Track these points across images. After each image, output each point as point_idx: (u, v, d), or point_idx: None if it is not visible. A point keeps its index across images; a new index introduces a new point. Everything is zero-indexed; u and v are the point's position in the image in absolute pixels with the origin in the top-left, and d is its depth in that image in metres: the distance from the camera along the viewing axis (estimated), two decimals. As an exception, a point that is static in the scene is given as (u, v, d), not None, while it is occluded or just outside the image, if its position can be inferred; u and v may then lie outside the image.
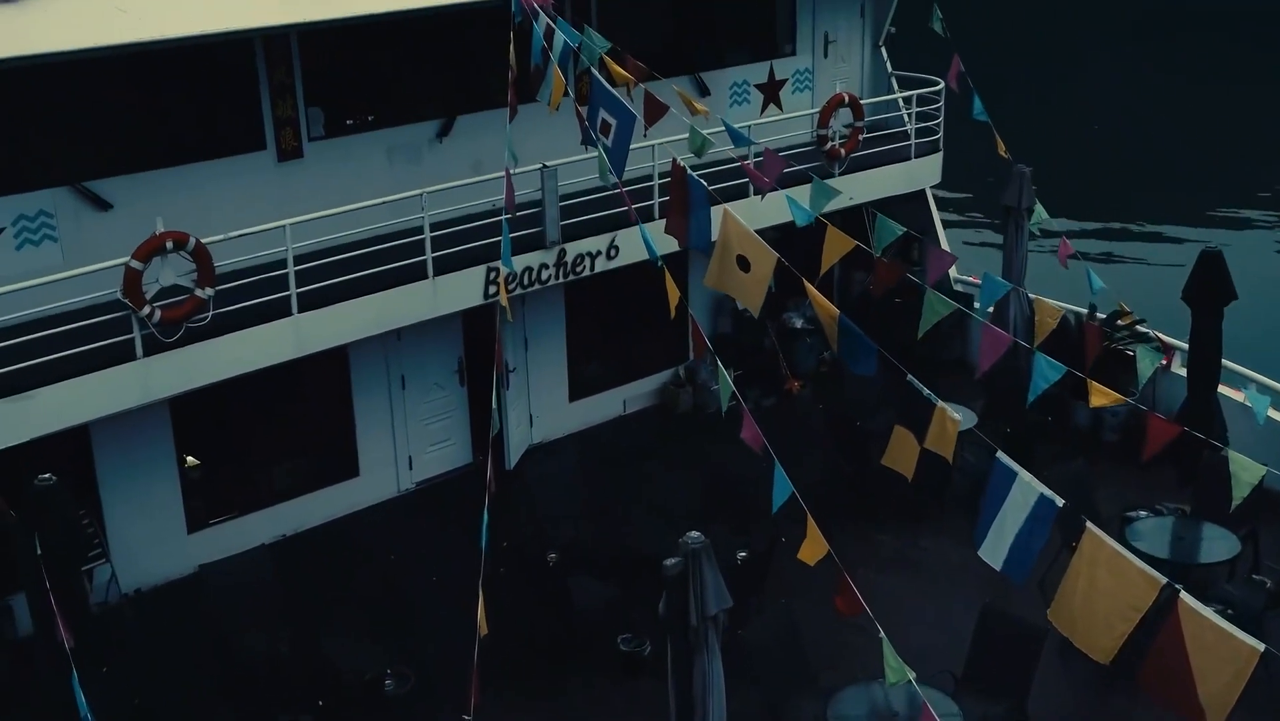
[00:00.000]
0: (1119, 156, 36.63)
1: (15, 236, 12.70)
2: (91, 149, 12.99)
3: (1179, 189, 33.97)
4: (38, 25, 11.79)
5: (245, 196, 13.94)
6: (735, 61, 18.07)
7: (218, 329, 12.53)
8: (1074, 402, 16.87)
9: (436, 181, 15.09)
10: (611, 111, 12.77)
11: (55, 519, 9.78)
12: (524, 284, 14.77)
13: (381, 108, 14.94)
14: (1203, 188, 33.89)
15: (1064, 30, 54.06)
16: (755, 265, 12.43)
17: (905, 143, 18.29)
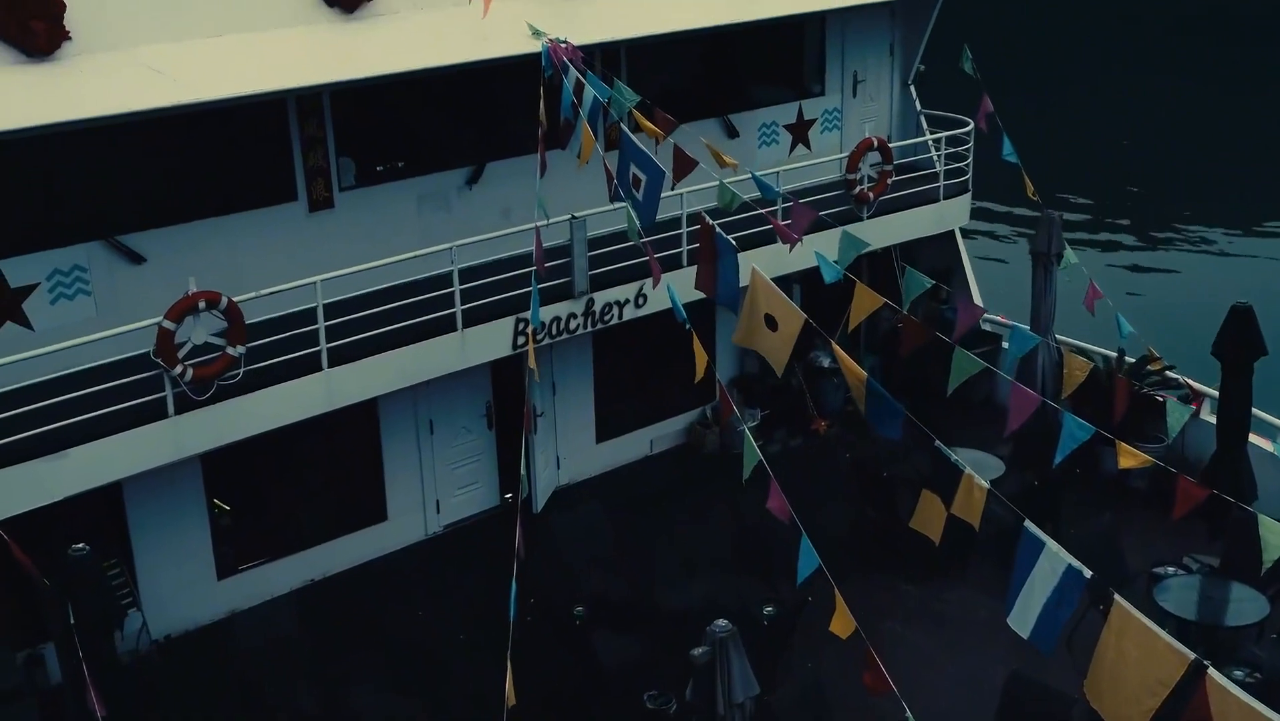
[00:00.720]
0: (1146, 182, 36.41)
1: (50, 291, 12.82)
2: (125, 204, 13.11)
3: (1211, 217, 33.67)
4: (72, 85, 11.93)
5: (277, 247, 14.06)
6: (764, 103, 18.07)
7: (249, 385, 12.62)
8: (1101, 449, 16.83)
9: (466, 228, 15.22)
10: (641, 166, 12.84)
11: (88, 588, 9.88)
12: (552, 334, 14.83)
13: (412, 156, 15.01)
14: (1238, 218, 33.55)
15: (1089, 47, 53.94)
16: (782, 324, 12.48)
17: (934, 184, 18.26)
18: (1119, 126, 42.69)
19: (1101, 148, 41.08)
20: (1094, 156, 39.38)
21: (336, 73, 12.92)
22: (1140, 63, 52.34)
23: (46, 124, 11.21)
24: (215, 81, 12.25)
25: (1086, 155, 39.26)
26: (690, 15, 15.44)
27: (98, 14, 12.55)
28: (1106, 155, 40.33)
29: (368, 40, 13.73)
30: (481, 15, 14.12)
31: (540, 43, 13.44)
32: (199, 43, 13.03)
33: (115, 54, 12.53)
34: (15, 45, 12.09)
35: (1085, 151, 41.36)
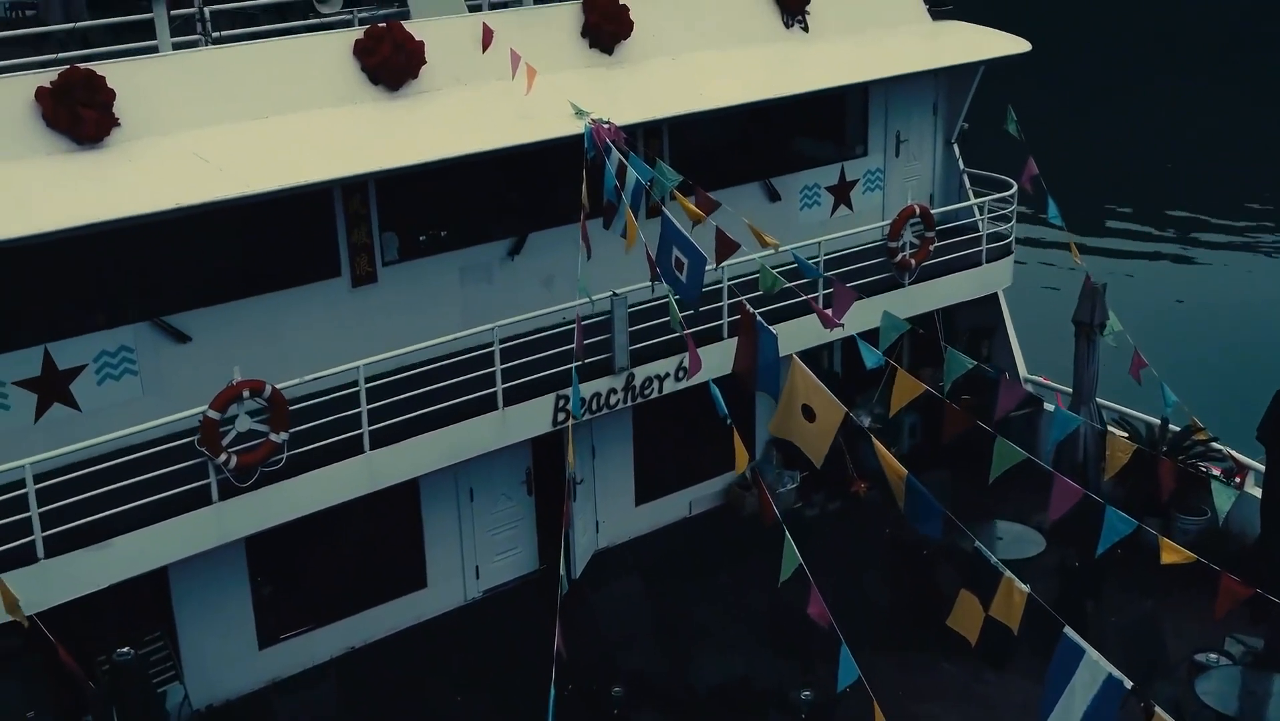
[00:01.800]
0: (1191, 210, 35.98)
1: (97, 372, 12.97)
2: (171, 285, 13.24)
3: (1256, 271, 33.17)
4: (121, 175, 12.05)
5: (320, 322, 14.17)
6: (806, 165, 18.04)
7: (292, 469, 12.73)
8: (1144, 518, 16.71)
9: (508, 298, 15.32)
10: (683, 249, 12.88)
11: (133, 694, 9.99)
12: (592, 409, 14.87)
13: (455, 229, 15.08)
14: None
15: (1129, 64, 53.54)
16: (821, 416, 12.49)
17: (977, 248, 18.17)
18: (1163, 147, 42.28)
19: (1144, 172, 40.74)
20: (1136, 182, 38.99)
21: (382, 160, 12.99)
22: (1183, 79, 51.92)
23: (96, 222, 11.32)
24: (261, 172, 12.34)
25: (1128, 181, 38.89)
26: (733, 91, 15.43)
27: (145, 100, 12.68)
28: (1149, 181, 39.97)
29: (412, 120, 13.80)
30: (525, 91, 14.14)
31: (583, 123, 13.52)
32: (245, 125, 13.12)
33: (163, 139, 12.66)
34: (66, 133, 12.25)
35: (1126, 177, 41.03)
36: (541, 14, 15.43)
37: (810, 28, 17.35)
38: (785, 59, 16.66)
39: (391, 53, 13.92)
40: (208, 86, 13.12)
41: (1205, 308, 28.85)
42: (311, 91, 13.64)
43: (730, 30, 16.74)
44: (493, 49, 14.56)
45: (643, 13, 15.92)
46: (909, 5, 18.57)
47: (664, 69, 15.78)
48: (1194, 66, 54.02)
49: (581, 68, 15.39)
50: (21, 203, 11.41)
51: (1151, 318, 25.20)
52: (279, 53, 13.62)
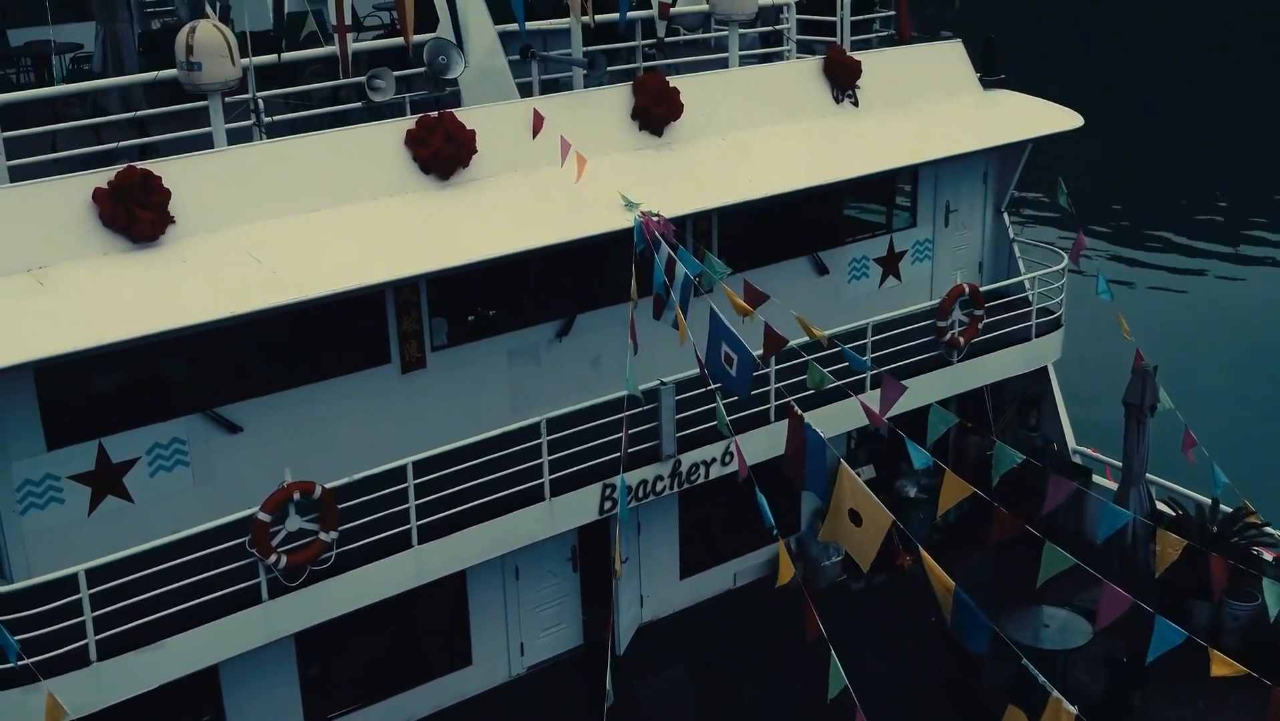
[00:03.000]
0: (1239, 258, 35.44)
1: (150, 464, 13.12)
2: (223, 377, 13.34)
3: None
4: (177, 278, 12.17)
5: (370, 409, 14.27)
6: (854, 238, 18.00)
7: (340, 566, 12.83)
8: (1193, 602, 16.57)
9: (556, 380, 15.41)
10: (732, 346, 12.93)
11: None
12: (638, 497, 14.90)
13: (503, 311, 15.14)
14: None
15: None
16: (867, 521, 12.50)
17: (1026, 323, 18.07)
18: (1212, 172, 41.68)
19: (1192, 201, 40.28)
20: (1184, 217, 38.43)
21: (432, 262, 13.05)
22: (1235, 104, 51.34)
23: (153, 333, 11.44)
24: (314, 275, 12.43)
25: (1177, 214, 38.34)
26: (782, 178, 15.40)
27: (200, 196, 12.81)
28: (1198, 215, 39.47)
29: (463, 212, 13.86)
30: (575, 179, 14.17)
31: (633, 217, 13.57)
32: (298, 220, 13.22)
33: (216, 236, 12.78)
34: (123, 233, 12.39)
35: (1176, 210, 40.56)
36: (591, 97, 15.47)
37: (860, 102, 17.30)
38: (835, 137, 16.61)
39: (443, 143, 14.00)
40: (261, 181, 13.23)
41: (1263, 385, 28.44)
42: (363, 182, 13.73)
43: (780, 106, 16.72)
44: (543, 133, 14.62)
45: (692, 90, 15.92)
46: (960, 76, 18.49)
47: (713, 150, 15.77)
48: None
49: (631, 150, 15.41)
50: (82, 311, 11.55)
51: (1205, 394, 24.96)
52: (331, 145, 13.72)
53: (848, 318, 17.65)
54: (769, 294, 16.35)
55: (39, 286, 11.77)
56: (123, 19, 14.86)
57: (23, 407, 12.30)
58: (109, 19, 14.69)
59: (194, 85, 13.00)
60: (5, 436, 12.32)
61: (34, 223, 12.12)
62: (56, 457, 12.62)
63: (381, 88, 14.42)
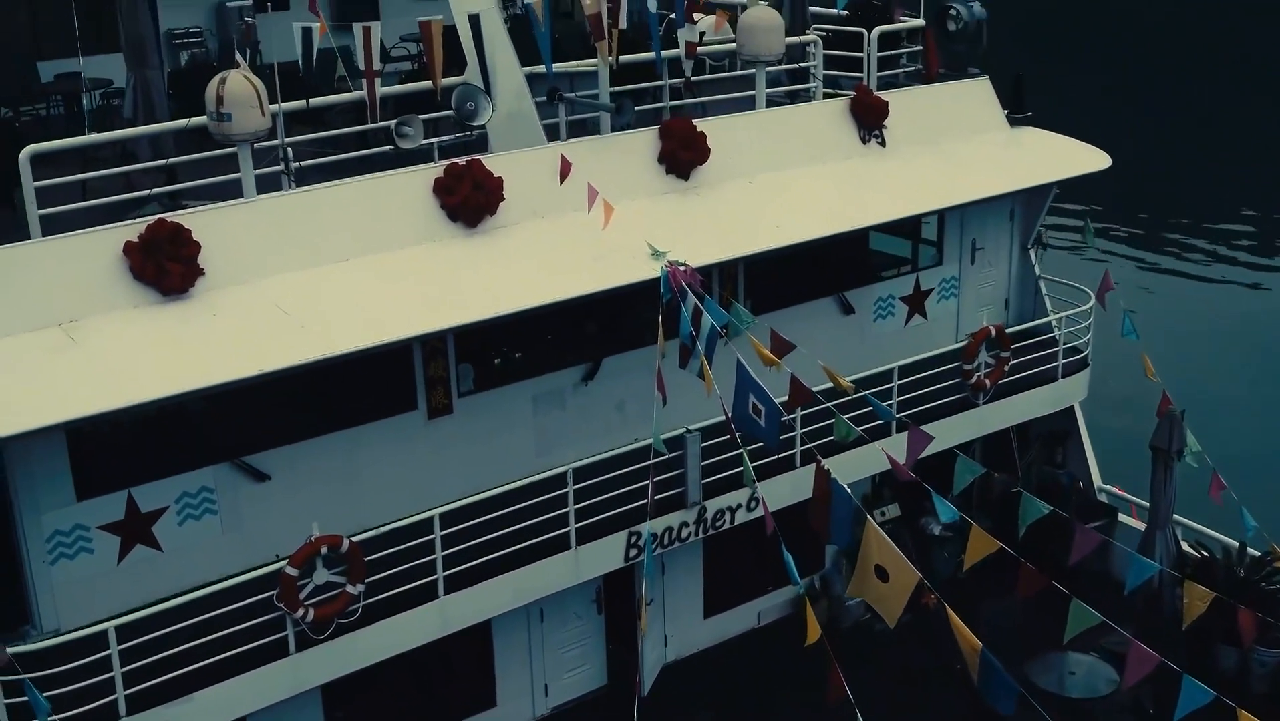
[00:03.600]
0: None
1: (178, 513, 13.21)
2: (251, 427, 13.41)
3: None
4: (206, 333, 12.22)
5: (396, 455, 14.34)
6: (880, 277, 17.98)
7: (367, 617, 12.88)
8: (1220, 647, 16.50)
9: (581, 423, 15.45)
10: (759, 398, 12.95)
11: None
12: (664, 544, 14.92)
13: (529, 358, 15.17)
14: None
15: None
16: (894, 578, 12.51)
17: (1052, 363, 18.02)
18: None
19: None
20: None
21: (460, 315, 13.06)
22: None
23: (184, 392, 11.51)
24: (342, 329, 12.48)
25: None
26: (809, 224, 15.38)
27: (229, 248, 12.85)
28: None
29: (491, 260, 13.87)
30: (602, 225, 14.18)
31: (660, 266, 13.58)
32: (325, 270, 13.25)
33: (246, 287, 12.81)
34: (153, 285, 12.45)
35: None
36: (618, 141, 15.47)
37: (887, 141, 17.26)
38: (862, 179, 16.58)
39: (471, 191, 14.03)
40: (289, 231, 13.26)
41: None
42: (391, 231, 13.76)
43: (807, 147, 16.69)
44: (570, 178, 14.64)
45: (719, 132, 15.91)
46: (987, 113, 18.44)
47: (740, 194, 15.76)
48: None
49: (658, 194, 15.41)
50: (112, 368, 11.60)
51: (1233, 434, 24.78)
52: (359, 193, 13.75)
53: (873, 356, 17.68)
54: (795, 334, 16.42)
55: (70, 341, 11.84)
56: (153, 65, 14.84)
57: (53, 459, 12.39)
58: (139, 65, 14.70)
59: (224, 135, 13.05)
60: (35, 488, 12.42)
61: (65, 276, 12.18)
62: (86, 508, 12.72)
63: (409, 134, 14.44)
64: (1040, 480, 19.50)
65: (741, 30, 16.50)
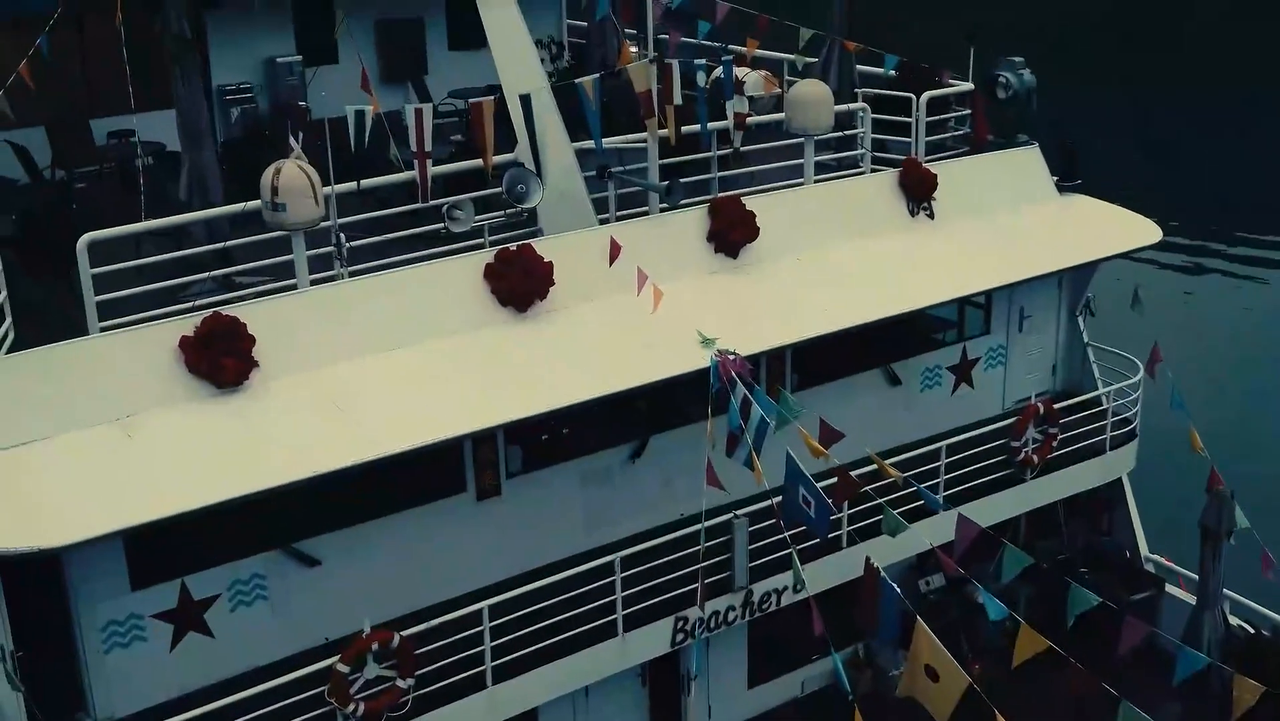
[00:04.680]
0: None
1: (230, 600, 13.34)
2: (303, 515, 13.52)
3: None
4: (261, 431, 12.34)
5: (445, 538, 14.45)
6: (927, 348, 17.93)
7: (416, 709, 12.97)
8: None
9: (629, 502, 15.52)
10: (809, 491, 12.98)
11: None
12: (710, 627, 14.93)
13: (577, 437, 15.22)
14: None
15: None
16: (944, 678, 12.50)
17: (1100, 436, 17.92)
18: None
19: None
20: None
21: (510, 411, 13.13)
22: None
23: (237, 497, 11.62)
24: (395, 427, 12.56)
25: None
26: (857, 308, 15.34)
27: (283, 339, 12.96)
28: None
29: (540, 348, 13.92)
30: (651, 310, 14.19)
31: (709, 356, 13.60)
32: (378, 359, 13.34)
33: (299, 378, 12.92)
34: (207, 379, 12.57)
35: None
36: (667, 221, 15.50)
37: (936, 213, 17.21)
38: (912, 255, 16.52)
39: (522, 278, 14.09)
40: (342, 321, 13.37)
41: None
42: (442, 317, 13.83)
43: (855, 221, 16.66)
44: (619, 258, 14.68)
45: (767, 207, 15.90)
46: (1037, 183, 18.36)
47: (789, 273, 15.74)
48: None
49: (706, 274, 15.43)
50: (169, 471, 11.75)
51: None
52: (410, 281, 13.84)
53: (919, 426, 17.69)
54: (841, 406, 16.48)
55: (127, 439, 11.98)
56: (207, 147, 15.02)
57: (108, 552, 12.54)
58: (194, 149, 14.89)
59: (278, 225, 13.18)
60: (91, 579, 12.57)
61: (122, 371, 12.33)
62: (141, 597, 12.88)
63: (461, 218, 14.54)
64: (1086, 548, 19.43)
65: (790, 104, 16.52)
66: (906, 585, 18.57)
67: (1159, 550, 19.33)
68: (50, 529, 10.94)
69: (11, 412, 11.83)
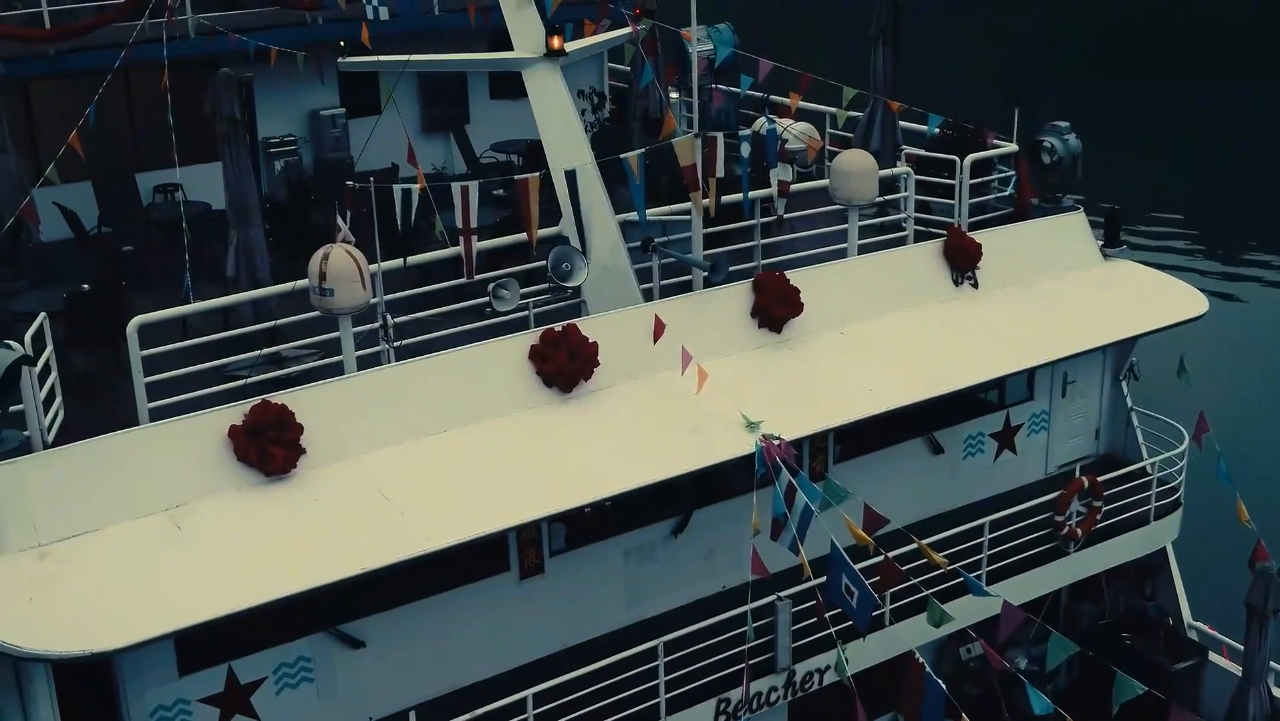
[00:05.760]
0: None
1: (275, 683, 13.43)
2: (348, 597, 13.57)
3: None
4: (309, 523, 12.40)
5: (489, 618, 14.51)
6: (970, 415, 17.85)
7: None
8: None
9: (670, 574, 15.59)
10: (852, 580, 13.00)
11: None
12: (751, 709, 14.91)
13: (620, 513, 15.23)
14: None
15: None
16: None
17: (1144, 507, 17.81)
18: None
19: None
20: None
21: (556, 502, 13.16)
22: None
23: (287, 595, 11.68)
24: (442, 519, 12.62)
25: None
26: (902, 389, 15.30)
27: (330, 425, 13.04)
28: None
29: (585, 431, 13.94)
30: (696, 391, 14.19)
31: (754, 441, 13.63)
32: (424, 444, 13.40)
33: (346, 465, 12.99)
34: (256, 468, 12.65)
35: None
36: (712, 297, 15.50)
37: (980, 282, 17.14)
38: (956, 328, 16.43)
39: (567, 360, 14.12)
40: (388, 405, 13.43)
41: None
42: (487, 400, 13.87)
43: (899, 293, 16.61)
44: (664, 336, 14.70)
45: (810, 281, 15.86)
46: (1081, 248, 18.26)
47: (833, 349, 15.69)
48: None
49: (750, 349, 15.41)
50: (219, 567, 11.81)
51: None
52: (456, 364, 13.87)
53: (961, 493, 17.67)
54: (883, 476, 16.47)
55: (177, 531, 12.06)
56: (254, 224, 15.10)
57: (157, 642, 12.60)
58: (242, 225, 14.97)
59: (326, 310, 13.26)
60: (139, 665, 12.67)
61: (172, 461, 12.43)
62: (188, 683, 12.98)
63: (506, 298, 14.56)
64: (1129, 612, 19.31)
65: (835, 174, 16.47)
66: (947, 652, 18.52)
67: (1202, 617, 19.18)
68: (102, 631, 11.02)
69: (62, 505, 11.94)
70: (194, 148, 17.95)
